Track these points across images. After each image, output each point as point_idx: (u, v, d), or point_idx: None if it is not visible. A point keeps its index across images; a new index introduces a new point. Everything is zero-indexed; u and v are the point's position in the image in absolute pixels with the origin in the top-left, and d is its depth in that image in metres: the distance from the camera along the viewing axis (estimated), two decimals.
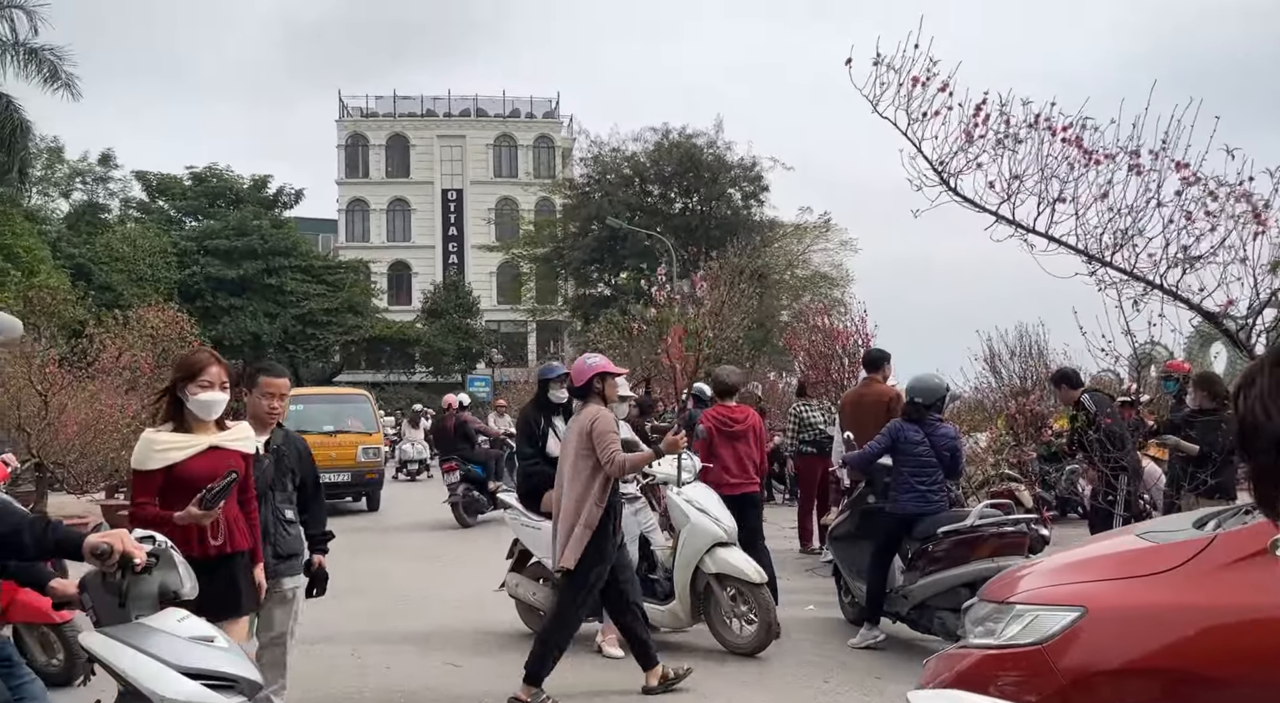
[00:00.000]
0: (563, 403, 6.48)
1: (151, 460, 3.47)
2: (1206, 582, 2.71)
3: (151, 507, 3.44)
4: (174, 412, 3.60)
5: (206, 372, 3.56)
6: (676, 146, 33.05)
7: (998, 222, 5.75)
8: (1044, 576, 3.27)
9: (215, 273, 38.37)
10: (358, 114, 52.44)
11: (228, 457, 3.56)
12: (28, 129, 27.92)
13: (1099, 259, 5.60)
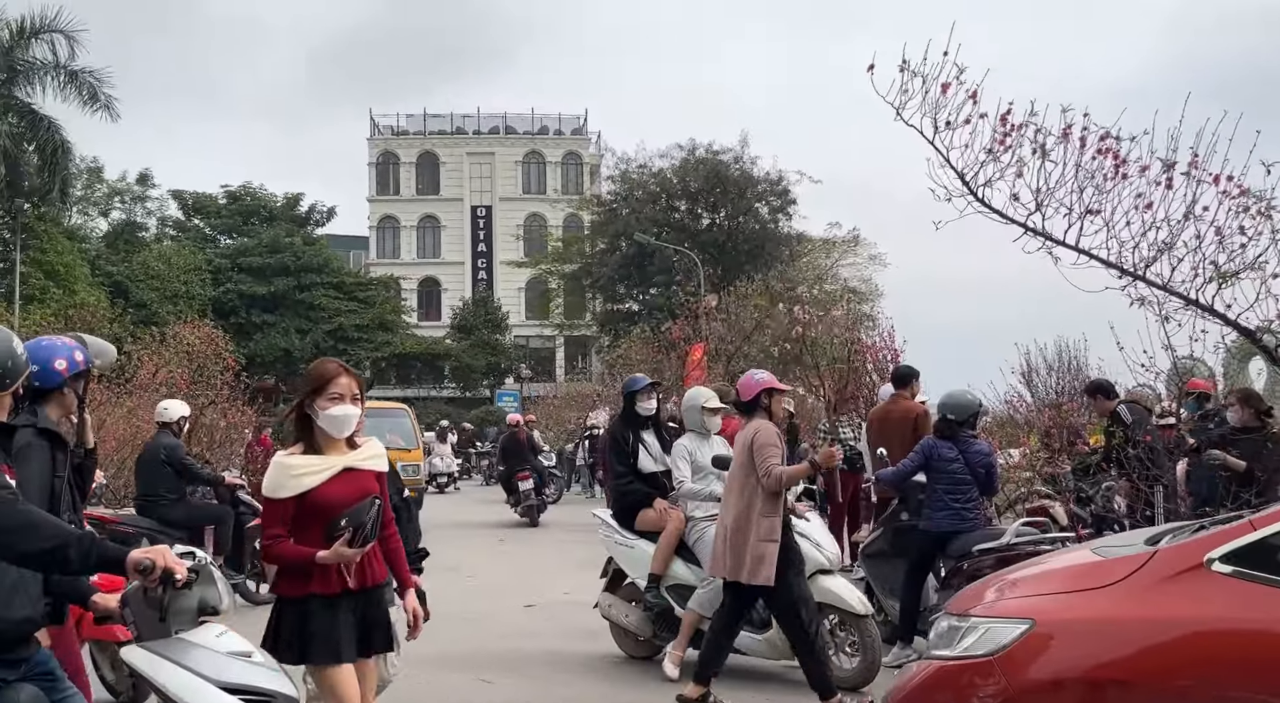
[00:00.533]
0: (650, 415, 6.36)
1: (285, 488, 3.16)
2: (1146, 595, 2.83)
3: (285, 542, 3.14)
4: (302, 431, 3.27)
5: (335, 383, 3.22)
6: (703, 162, 33.14)
7: (1026, 233, 5.66)
8: (1001, 590, 3.38)
9: (248, 290, 38.93)
10: (389, 132, 53.10)
11: (362, 479, 3.24)
12: (68, 150, 28.54)
13: (1131, 273, 5.49)
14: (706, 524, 5.77)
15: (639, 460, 6.22)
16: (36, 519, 2.48)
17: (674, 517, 5.98)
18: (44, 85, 27.55)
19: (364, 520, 2.99)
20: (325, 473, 3.18)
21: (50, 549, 2.43)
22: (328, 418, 3.20)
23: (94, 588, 2.99)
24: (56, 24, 27.06)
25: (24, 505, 2.51)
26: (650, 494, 6.17)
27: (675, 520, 5.97)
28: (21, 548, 2.44)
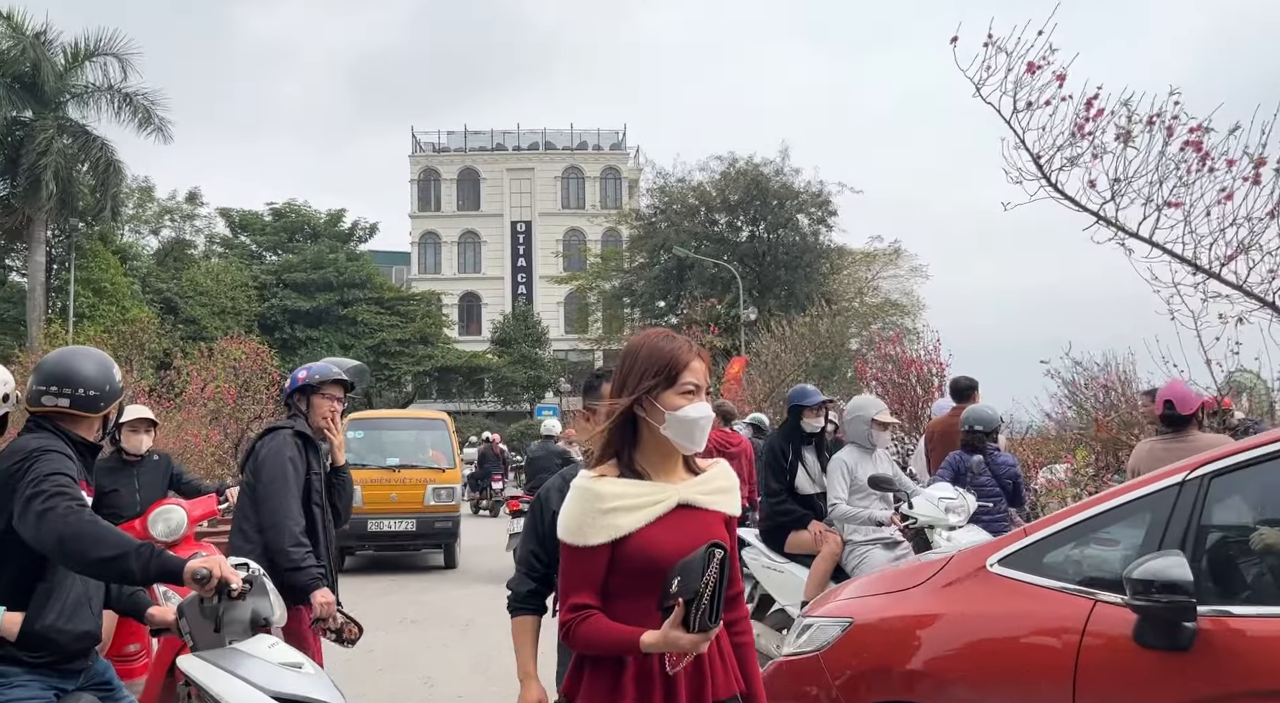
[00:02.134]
0: (816, 433, 5.94)
1: (594, 529, 2.02)
2: (939, 595, 3.15)
3: (598, 618, 2.02)
4: (621, 442, 2.12)
5: (690, 370, 2.11)
6: (742, 174, 33.09)
7: (1098, 223, 5.48)
8: (840, 593, 3.74)
9: (292, 305, 39.57)
10: (430, 149, 53.78)
11: (705, 523, 2.09)
12: (120, 170, 29.28)
13: (1206, 271, 5.28)
14: (866, 549, 5.41)
15: (796, 480, 5.83)
16: (102, 529, 2.55)
17: (830, 540, 5.53)
18: (98, 107, 28.38)
19: (698, 585, 1.83)
20: (654, 508, 2.04)
21: (113, 557, 2.50)
22: (679, 422, 2.06)
23: (151, 601, 3.06)
24: (110, 47, 27.87)
25: (90, 516, 2.58)
26: (805, 516, 5.75)
27: (832, 544, 5.51)
28: (89, 556, 2.51)
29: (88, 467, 2.86)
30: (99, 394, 2.83)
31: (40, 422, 2.81)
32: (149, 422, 5.28)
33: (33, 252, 28.66)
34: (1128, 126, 5.30)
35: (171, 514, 4.61)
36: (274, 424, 4.04)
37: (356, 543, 11.89)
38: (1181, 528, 2.67)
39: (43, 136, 26.84)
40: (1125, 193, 5.36)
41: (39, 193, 27.02)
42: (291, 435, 3.94)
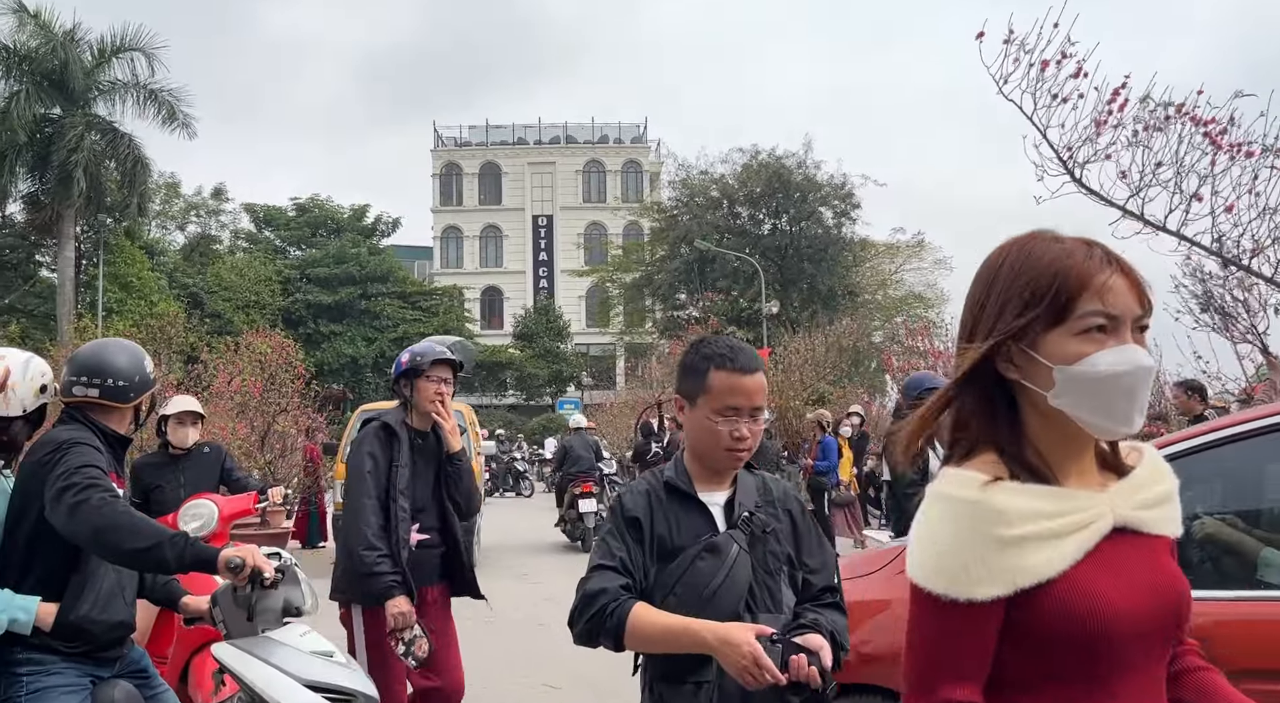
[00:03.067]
0: None
1: (990, 571, 1.20)
2: (892, 581, 3.30)
3: None
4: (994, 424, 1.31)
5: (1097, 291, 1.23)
6: (765, 167, 32.97)
7: (1124, 216, 5.44)
8: None
9: (315, 299, 39.87)
10: (451, 144, 53.98)
11: (1150, 554, 1.30)
12: (147, 166, 29.58)
13: (1234, 262, 5.25)
14: None
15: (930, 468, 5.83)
16: (136, 520, 2.58)
17: None
18: (124, 103, 28.69)
19: None
20: (1085, 535, 1.24)
21: (148, 547, 2.52)
22: (1086, 382, 1.22)
23: (185, 590, 3.09)
24: (136, 42, 28.14)
25: (124, 507, 2.61)
26: None
27: None
28: (124, 547, 2.54)
29: (118, 458, 2.89)
30: (128, 385, 2.85)
31: (72, 413, 2.84)
32: (195, 415, 5.06)
33: (62, 247, 29.01)
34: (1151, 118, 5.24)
35: (201, 509, 4.47)
36: (371, 414, 3.87)
37: None
38: None
39: (72, 133, 27.14)
40: (1152, 183, 5.30)
41: (69, 189, 27.33)
42: (376, 428, 3.70)
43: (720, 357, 2.04)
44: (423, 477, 3.74)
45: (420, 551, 3.67)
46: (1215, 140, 5.14)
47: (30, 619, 2.61)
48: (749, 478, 2.15)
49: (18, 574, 2.67)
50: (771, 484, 2.19)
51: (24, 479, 2.70)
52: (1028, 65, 5.30)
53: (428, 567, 3.72)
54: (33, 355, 2.86)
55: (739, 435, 2.03)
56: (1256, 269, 5.20)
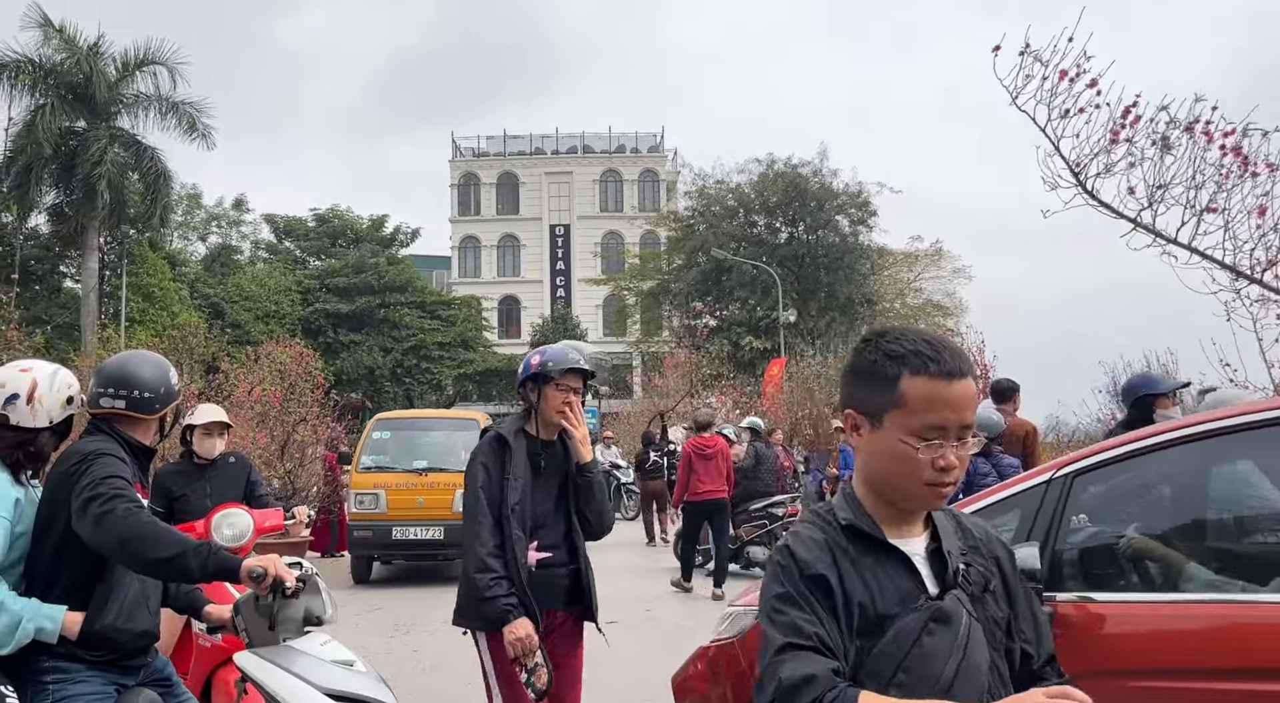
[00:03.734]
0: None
1: None
2: None
3: None
4: None
5: None
6: (781, 176, 32.96)
7: (1135, 229, 5.44)
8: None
9: (334, 309, 40.12)
10: (469, 154, 54.25)
11: None
12: (169, 178, 29.92)
13: (1248, 276, 5.22)
14: None
15: None
16: (160, 530, 2.61)
17: None
18: (147, 116, 29.05)
19: None
20: None
21: (172, 557, 2.55)
22: None
23: (207, 600, 3.12)
24: (159, 56, 28.50)
25: (149, 517, 2.64)
26: None
27: None
28: (148, 556, 2.57)
29: (143, 469, 2.93)
30: (154, 396, 2.89)
31: (98, 425, 2.88)
32: (222, 425, 4.88)
33: (86, 259, 29.35)
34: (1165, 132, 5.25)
35: (238, 519, 4.28)
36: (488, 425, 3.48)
37: (382, 552, 11.38)
38: (1046, 522, 2.90)
39: (96, 146, 27.48)
40: (1163, 199, 5.30)
41: (94, 201, 27.69)
42: (490, 439, 3.37)
43: (918, 357, 1.49)
44: (545, 490, 3.37)
45: (542, 571, 3.30)
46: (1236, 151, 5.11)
47: (56, 628, 2.65)
48: (944, 519, 1.61)
49: (45, 584, 2.71)
50: (969, 525, 1.65)
51: (51, 490, 2.74)
52: (1041, 78, 5.33)
53: (553, 589, 3.35)
54: (59, 367, 2.91)
55: (945, 465, 1.48)
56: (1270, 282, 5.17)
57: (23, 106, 27.48)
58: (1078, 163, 5.43)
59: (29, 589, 2.70)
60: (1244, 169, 5.15)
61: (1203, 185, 5.25)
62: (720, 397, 23.77)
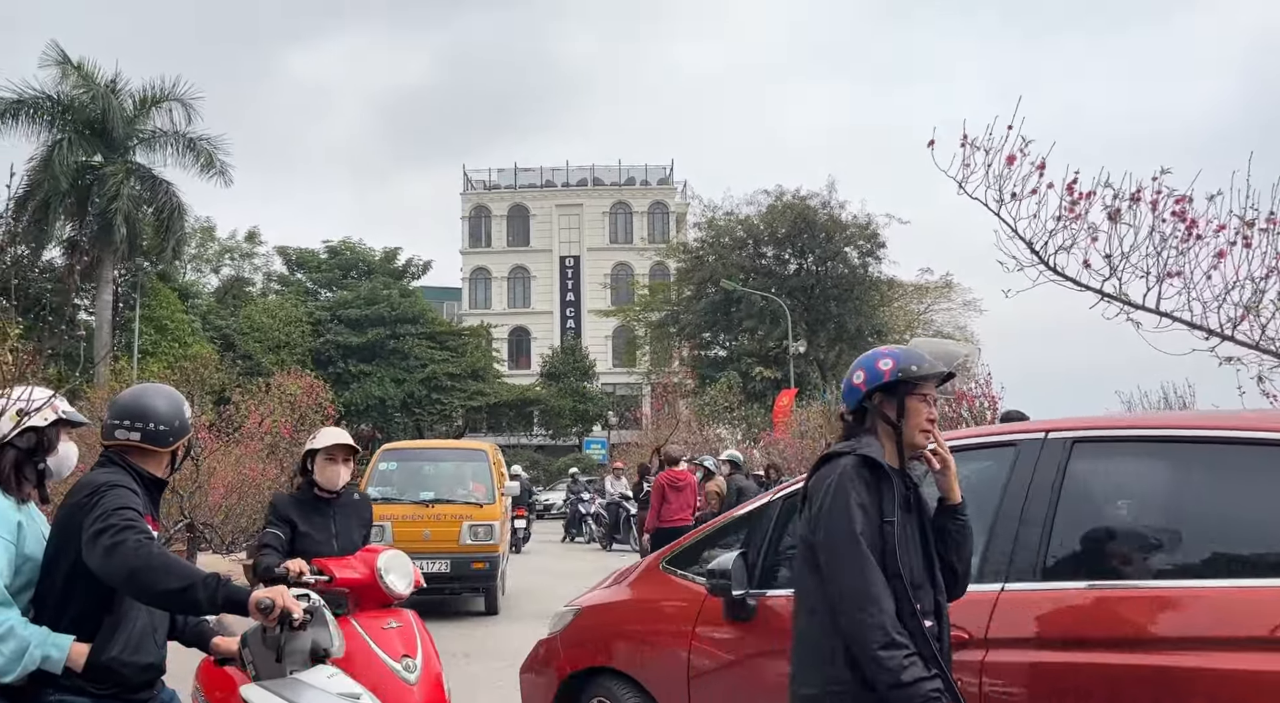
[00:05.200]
0: None
1: None
2: (631, 586, 4.39)
3: None
4: None
5: None
6: (790, 208, 33.13)
7: (1102, 299, 5.54)
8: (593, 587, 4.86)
9: (344, 340, 40.28)
10: (480, 187, 54.72)
11: None
12: (184, 211, 30.25)
13: (1217, 333, 5.29)
14: None
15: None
16: (170, 561, 2.62)
17: None
18: (163, 151, 29.44)
19: None
20: None
21: (182, 589, 2.56)
22: None
23: (215, 631, 3.13)
24: (175, 93, 28.93)
25: (159, 549, 2.66)
26: None
27: None
28: (158, 588, 2.58)
29: (154, 501, 2.95)
30: (169, 429, 2.92)
31: (111, 457, 2.90)
32: (349, 449, 4.29)
33: (100, 291, 29.60)
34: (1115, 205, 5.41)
35: (406, 566, 3.89)
36: (833, 449, 2.62)
37: None
38: (764, 535, 3.70)
39: (113, 181, 27.83)
40: (1123, 268, 5.46)
41: (110, 235, 27.98)
42: (856, 466, 2.53)
43: None
44: (912, 538, 2.59)
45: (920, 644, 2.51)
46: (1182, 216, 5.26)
47: (62, 658, 2.65)
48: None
49: (54, 613, 2.72)
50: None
51: (63, 520, 2.76)
52: (985, 166, 5.44)
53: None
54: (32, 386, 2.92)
55: None
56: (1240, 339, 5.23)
57: (40, 142, 27.91)
58: (1033, 240, 5.54)
59: (37, 618, 2.70)
60: (1189, 233, 5.26)
61: (1161, 251, 5.38)
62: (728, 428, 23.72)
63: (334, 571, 3.90)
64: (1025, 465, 3.09)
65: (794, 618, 2.63)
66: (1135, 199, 5.36)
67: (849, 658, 2.41)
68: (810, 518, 2.55)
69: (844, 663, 2.42)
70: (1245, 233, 5.16)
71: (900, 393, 2.60)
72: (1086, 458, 3.05)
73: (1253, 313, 5.19)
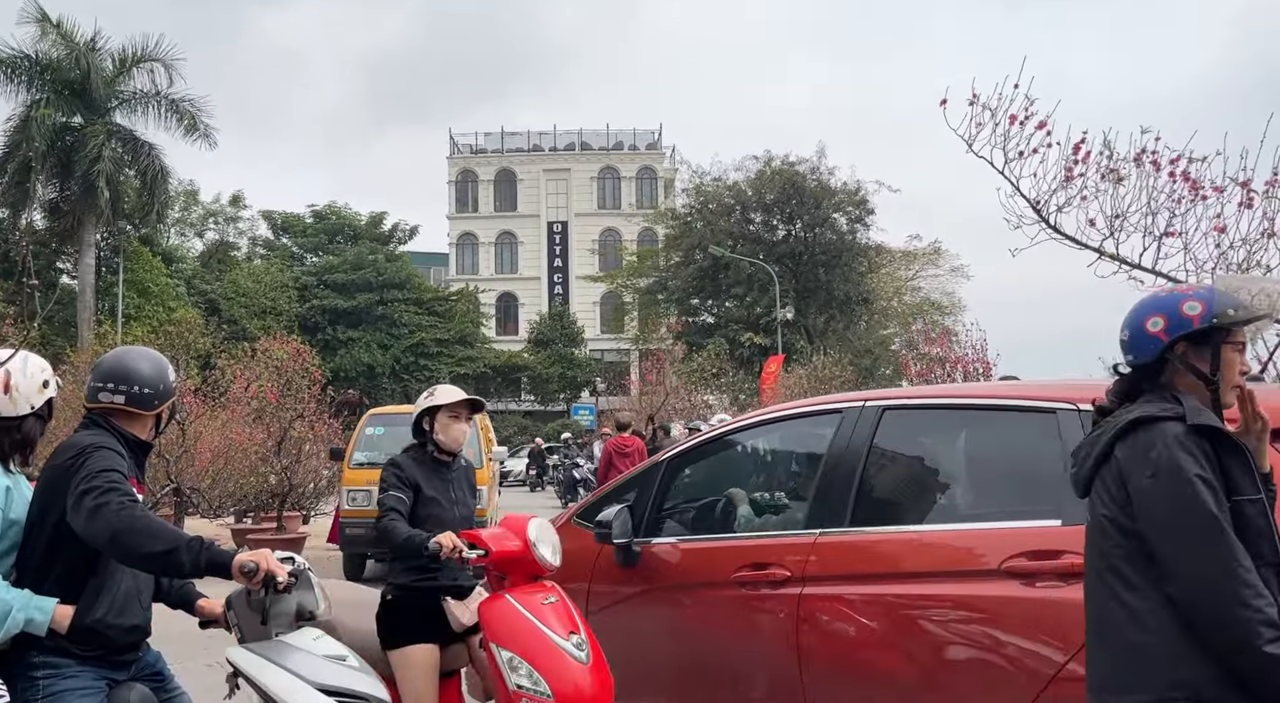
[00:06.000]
0: None
1: None
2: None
3: None
4: None
5: None
6: (779, 174, 32.94)
7: (1101, 258, 5.65)
8: None
9: (332, 305, 40.05)
10: (467, 151, 54.21)
11: None
12: (167, 174, 29.86)
13: None
14: None
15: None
16: (154, 524, 2.60)
17: None
18: (145, 113, 28.99)
19: None
20: None
21: (166, 551, 2.54)
22: None
23: (200, 594, 3.12)
24: (156, 53, 28.43)
25: (142, 511, 2.63)
26: None
27: None
28: (142, 550, 2.56)
29: (139, 465, 2.92)
30: (153, 392, 2.89)
31: (95, 419, 2.88)
32: (473, 405, 3.93)
33: (83, 254, 29.29)
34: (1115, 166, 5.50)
35: (553, 534, 3.65)
36: (1144, 413, 2.14)
37: (375, 550, 10.81)
38: (651, 493, 4.18)
39: (94, 142, 27.41)
40: (1122, 228, 5.58)
41: (93, 197, 27.62)
42: (1185, 434, 2.08)
43: None
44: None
45: None
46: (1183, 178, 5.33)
47: (46, 620, 2.64)
48: None
49: (36, 576, 2.70)
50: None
51: (47, 483, 2.73)
52: (994, 124, 5.61)
53: None
54: (28, 353, 2.89)
55: None
56: None
57: (19, 102, 27.45)
58: (1038, 200, 5.67)
59: (20, 581, 2.69)
60: (1194, 193, 5.34)
61: (1158, 212, 5.51)
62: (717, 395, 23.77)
63: (489, 543, 3.41)
64: (846, 430, 3.53)
65: (1099, 620, 2.21)
66: (1137, 160, 5.43)
67: (1204, 660, 2.04)
68: (1131, 496, 2.11)
69: (1199, 666, 2.04)
70: (1249, 194, 5.22)
71: (1215, 341, 2.19)
72: (893, 424, 3.51)
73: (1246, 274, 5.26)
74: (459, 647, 3.66)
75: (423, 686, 3.45)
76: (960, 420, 3.53)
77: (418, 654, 3.51)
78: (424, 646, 3.54)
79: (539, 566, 3.47)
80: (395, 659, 3.50)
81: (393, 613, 3.65)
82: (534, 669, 3.15)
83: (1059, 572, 2.78)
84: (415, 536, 3.54)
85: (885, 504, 3.49)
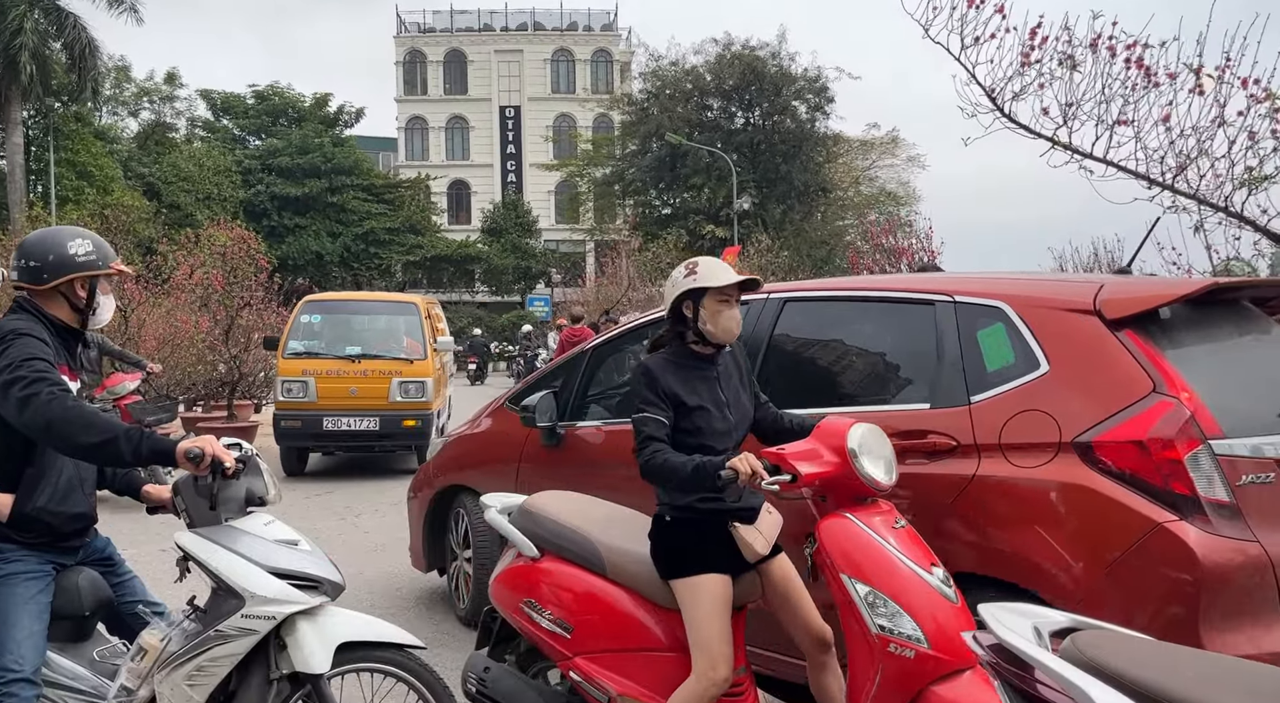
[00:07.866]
0: None
1: None
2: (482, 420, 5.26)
3: None
4: None
5: None
6: (738, 59, 32.12)
7: (1053, 147, 5.65)
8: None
9: (279, 191, 38.92)
10: (415, 29, 52.02)
11: None
12: (96, 48, 28.31)
13: (1159, 183, 5.48)
14: None
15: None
16: (88, 414, 2.54)
17: None
18: None
19: None
20: None
21: (103, 442, 2.50)
22: None
23: (145, 481, 3.08)
24: None
25: (74, 401, 2.57)
26: None
27: None
28: (79, 441, 2.52)
29: (70, 350, 2.82)
30: (40, 265, 2.73)
31: (22, 302, 2.77)
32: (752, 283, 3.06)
33: (10, 133, 27.96)
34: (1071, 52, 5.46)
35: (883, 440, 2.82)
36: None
37: (312, 443, 10.61)
38: (577, 380, 4.60)
39: (15, 13, 25.82)
40: (1076, 116, 5.59)
41: (17, 73, 26.22)
42: None
43: None
44: None
45: None
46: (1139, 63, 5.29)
47: None
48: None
49: None
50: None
51: None
52: (951, 8, 5.52)
53: None
54: None
55: None
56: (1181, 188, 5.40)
57: None
58: (993, 88, 5.64)
59: None
60: (1148, 80, 5.33)
61: (1112, 100, 5.50)
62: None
63: (795, 465, 2.66)
64: (751, 319, 3.78)
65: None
66: (1093, 46, 5.39)
67: None
68: None
69: None
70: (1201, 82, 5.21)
71: None
72: (793, 314, 3.84)
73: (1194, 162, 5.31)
74: (750, 576, 2.97)
75: (718, 624, 2.78)
76: (852, 312, 3.75)
77: (712, 586, 2.83)
78: (718, 575, 2.84)
79: (865, 487, 2.68)
80: (682, 591, 2.85)
81: (674, 537, 2.92)
82: (901, 609, 2.51)
83: (924, 450, 3.14)
84: (700, 465, 2.75)
85: (783, 390, 3.63)
